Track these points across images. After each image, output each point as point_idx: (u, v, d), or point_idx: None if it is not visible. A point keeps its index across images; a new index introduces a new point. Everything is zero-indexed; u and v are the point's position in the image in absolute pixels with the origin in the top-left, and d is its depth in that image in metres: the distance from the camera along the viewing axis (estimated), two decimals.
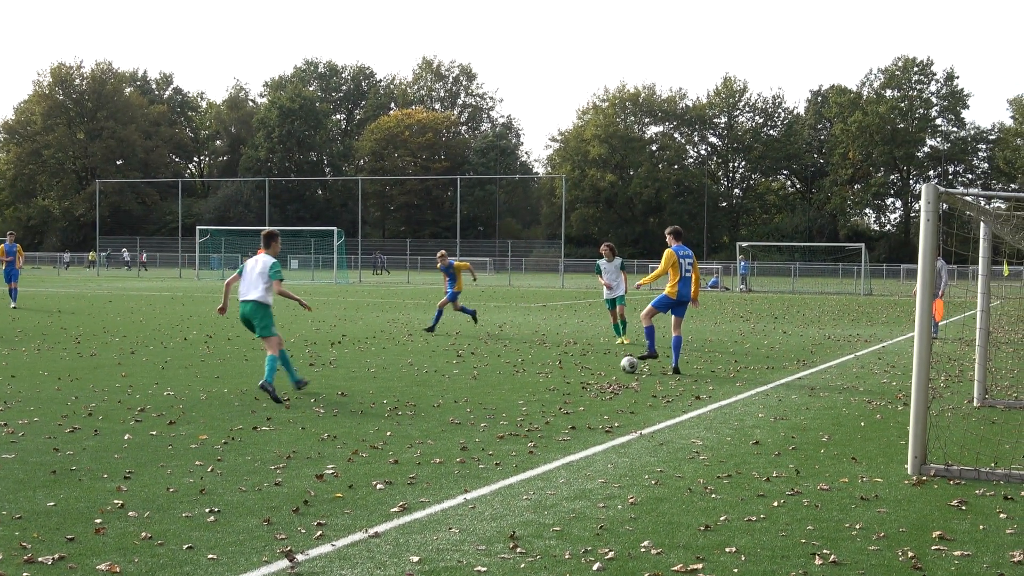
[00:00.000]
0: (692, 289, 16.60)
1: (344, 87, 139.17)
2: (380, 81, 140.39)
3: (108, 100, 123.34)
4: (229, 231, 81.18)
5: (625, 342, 20.92)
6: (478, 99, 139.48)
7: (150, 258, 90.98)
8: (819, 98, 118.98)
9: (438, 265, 24.82)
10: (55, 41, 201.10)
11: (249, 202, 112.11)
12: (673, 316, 16.66)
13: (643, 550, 6.63)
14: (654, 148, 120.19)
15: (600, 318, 29.14)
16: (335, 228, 65.50)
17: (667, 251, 16.51)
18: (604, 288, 21.71)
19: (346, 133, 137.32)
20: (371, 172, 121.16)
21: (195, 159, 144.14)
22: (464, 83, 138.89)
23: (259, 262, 13.39)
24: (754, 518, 7.45)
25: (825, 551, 6.64)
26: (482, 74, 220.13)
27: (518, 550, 6.60)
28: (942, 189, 9.16)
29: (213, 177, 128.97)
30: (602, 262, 21.67)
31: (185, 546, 6.57)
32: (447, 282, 24.34)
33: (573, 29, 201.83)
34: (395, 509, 7.55)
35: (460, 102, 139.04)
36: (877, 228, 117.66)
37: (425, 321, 27.02)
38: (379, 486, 8.26)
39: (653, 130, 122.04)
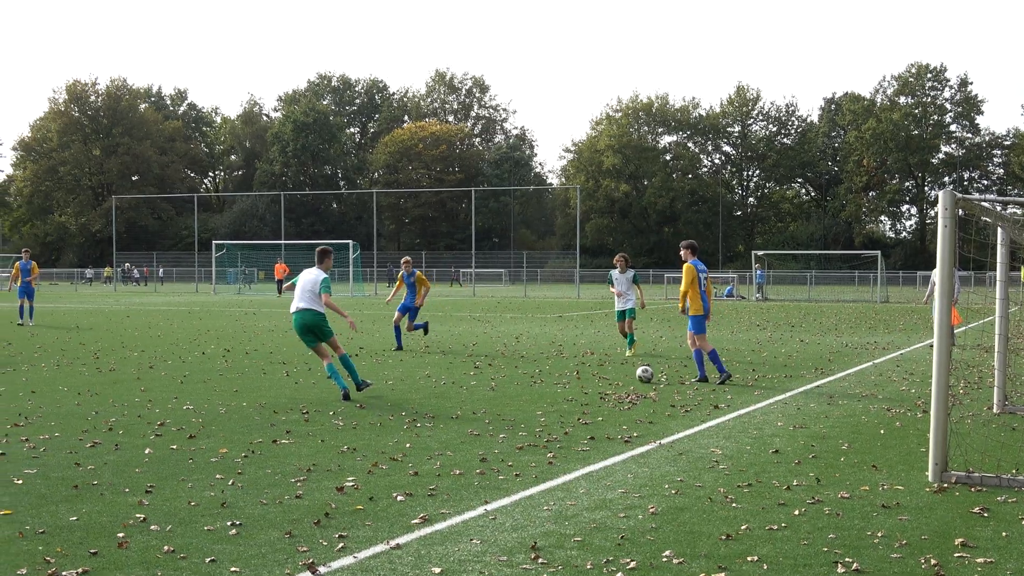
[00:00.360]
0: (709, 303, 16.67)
1: (358, 100, 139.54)
2: (393, 94, 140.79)
3: (123, 116, 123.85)
4: (245, 245, 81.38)
5: (630, 354, 20.81)
6: (491, 111, 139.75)
7: (167, 273, 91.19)
8: (833, 106, 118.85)
9: (401, 272, 23.22)
10: (70, 58, 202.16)
11: (264, 216, 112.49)
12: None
13: (664, 560, 6.63)
14: (668, 158, 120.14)
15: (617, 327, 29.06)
16: (350, 241, 65.59)
17: (688, 266, 16.36)
18: (616, 298, 21.58)
19: (360, 146, 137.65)
20: (385, 185, 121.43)
21: (210, 174, 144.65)
22: (477, 95, 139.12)
23: (312, 275, 14.58)
24: (775, 527, 7.44)
25: (847, 559, 6.63)
26: (495, 86, 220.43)
27: (540, 561, 6.60)
28: (959, 195, 9.14)
29: (228, 192, 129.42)
30: (615, 273, 21.58)
31: (208, 559, 6.59)
32: (406, 293, 23.05)
33: (585, 40, 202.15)
34: (416, 521, 7.56)
35: (474, 114, 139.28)
36: (893, 235, 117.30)
37: (439, 332, 27.06)
38: (399, 498, 8.28)
39: (667, 140, 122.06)
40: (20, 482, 8.81)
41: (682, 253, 16.64)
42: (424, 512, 7.79)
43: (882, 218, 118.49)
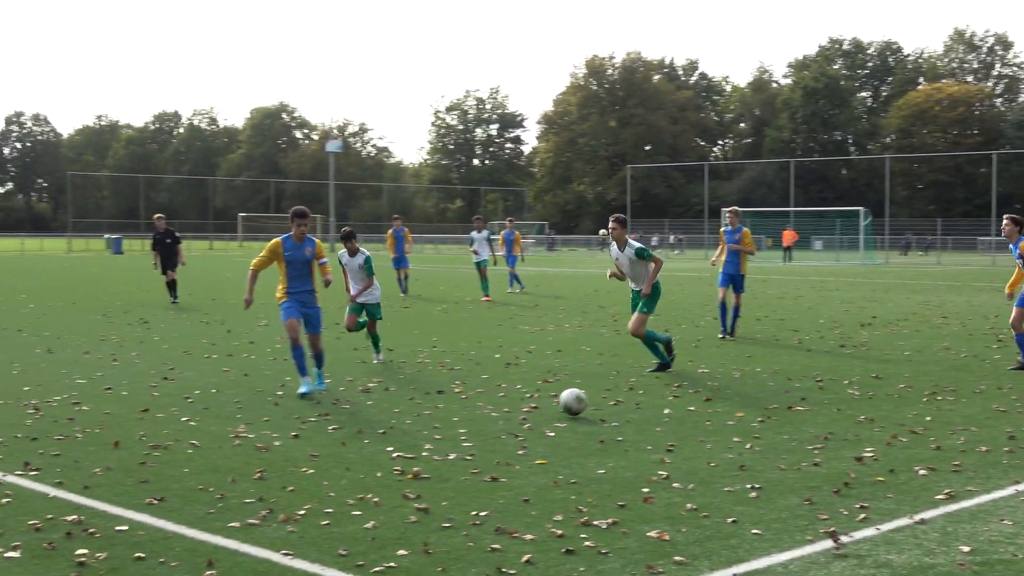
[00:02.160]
0: None
1: (870, 64, 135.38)
2: (908, 56, 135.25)
3: (637, 88, 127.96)
4: (753, 213, 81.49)
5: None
6: (1015, 69, 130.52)
7: (679, 240, 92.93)
8: None
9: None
10: (590, 36, 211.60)
11: (773, 183, 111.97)
12: None
13: None
14: None
15: None
16: (861, 208, 63.93)
17: None
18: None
19: (871, 111, 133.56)
20: (898, 150, 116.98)
21: (719, 142, 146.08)
22: (1000, 53, 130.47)
23: None
24: None
25: None
26: (1020, 42, 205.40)
27: None
28: None
29: (737, 160, 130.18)
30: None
31: (729, 520, 6.74)
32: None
33: None
34: (940, 496, 7.32)
35: (995, 73, 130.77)
36: None
37: (956, 303, 25.71)
38: (921, 472, 8.04)
39: None
40: (552, 435, 9.43)
41: (1013, 229, 13.99)
42: (949, 488, 7.52)
43: None
